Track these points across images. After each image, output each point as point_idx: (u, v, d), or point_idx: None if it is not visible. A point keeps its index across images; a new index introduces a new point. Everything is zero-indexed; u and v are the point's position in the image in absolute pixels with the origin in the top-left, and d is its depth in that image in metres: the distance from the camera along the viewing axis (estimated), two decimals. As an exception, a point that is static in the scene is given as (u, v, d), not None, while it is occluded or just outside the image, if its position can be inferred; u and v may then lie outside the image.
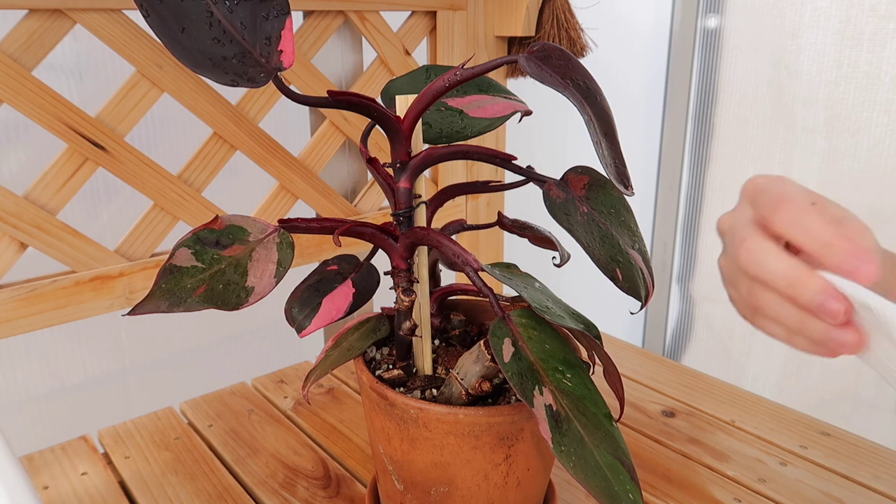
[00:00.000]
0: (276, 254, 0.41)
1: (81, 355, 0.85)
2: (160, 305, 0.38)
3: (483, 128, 0.49)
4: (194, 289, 0.38)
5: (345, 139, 0.81)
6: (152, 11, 0.35)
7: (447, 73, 0.42)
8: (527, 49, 0.39)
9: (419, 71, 0.52)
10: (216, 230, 0.40)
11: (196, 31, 0.36)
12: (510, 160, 0.45)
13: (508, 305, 0.48)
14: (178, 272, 0.38)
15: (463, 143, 0.46)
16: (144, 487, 0.58)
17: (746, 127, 1.39)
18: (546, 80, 0.38)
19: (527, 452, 0.44)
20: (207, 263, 0.39)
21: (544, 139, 1.27)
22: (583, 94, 0.38)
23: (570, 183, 0.43)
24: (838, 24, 1.21)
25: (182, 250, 0.38)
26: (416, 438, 0.42)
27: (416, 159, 0.44)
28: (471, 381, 0.43)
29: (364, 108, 0.41)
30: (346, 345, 0.46)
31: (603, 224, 0.42)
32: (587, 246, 0.40)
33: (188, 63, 0.36)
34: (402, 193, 0.45)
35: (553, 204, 0.42)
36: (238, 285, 0.39)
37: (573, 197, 0.42)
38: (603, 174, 0.41)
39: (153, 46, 0.64)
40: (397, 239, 0.45)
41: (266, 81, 0.38)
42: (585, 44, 0.89)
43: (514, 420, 0.41)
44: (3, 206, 0.59)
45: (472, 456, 0.42)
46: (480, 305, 0.55)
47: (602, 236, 0.41)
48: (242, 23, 0.37)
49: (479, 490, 0.44)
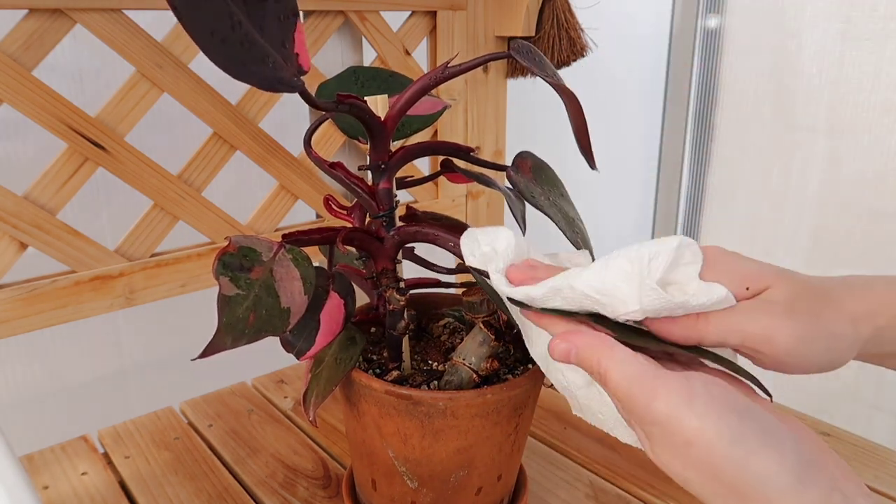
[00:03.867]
0: (295, 270, 0.40)
1: (81, 355, 0.85)
2: (226, 342, 0.36)
3: (421, 125, 0.52)
4: (246, 318, 0.37)
5: (345, 139, 0.81)
6: (185, 13, 0.33)
7: (432, 71, 0.42)
8: (509, 48, 0.41)
9: (347, 72, 0.54)
10: (234, 253, 0.39)
11: (223, 33, 0.34)
12: (470, 151, 0.47)
13: (468, 291, 0.48)
14: (230, 302, 0.37)
15: (432, 140, 0.48)
16: (144, 487, 0.58)
17: (747, 127, 1.39)
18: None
19: (528, 416, 0.47)
20: (245, 289, 0.37)
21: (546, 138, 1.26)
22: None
23: (520, 168, 0.46)
24: (839, 24, 1.21)
25: (222, 279, 0.37)
26: (440, 430, 0.43)
27: (395, 159, 0.44)
28: (479, 363, 0.45)
29: (359, 109, 0.41)
30: (329, 360, 0.45)
31: (556, 200, 0.46)
32: (557, 221, 0.44)
33: (232, 72, 0.34)
34: (384, 194, 0.45)
35: (517, 187, 0.44)
36: (276, 308, 0.38)
37: (527, 179, 0.46)
38: (539, 157, 0.48)
39: (153, 46, 0.64)
40: (384, 241, 0.45)
41: (301, 85, 0.37)
42: (585, 44, 0.89)
43: (525, 389, 0.44)
44: (3, 206, 0.59)
45: (493, 432, 0.44)
46: (426, 297, 0.57)
47: (559, 210, 0.45)
48: (260, 25, 0.36)
49: (493, 463, 0.46)
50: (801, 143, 1.30)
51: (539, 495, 0.58)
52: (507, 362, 0.49)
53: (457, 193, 0.93)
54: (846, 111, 1.23)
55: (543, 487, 0.59)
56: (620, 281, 0.34)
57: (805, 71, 1.27)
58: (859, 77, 1.20)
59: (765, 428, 0.30)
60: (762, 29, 1.32)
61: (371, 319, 0.51)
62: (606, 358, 0.32)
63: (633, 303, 0.34)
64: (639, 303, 0.33)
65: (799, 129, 1.30)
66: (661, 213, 1.57)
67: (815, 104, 1.27)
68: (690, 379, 0.31)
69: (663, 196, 1.56)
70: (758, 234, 1.40)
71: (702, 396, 0.30)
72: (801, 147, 1.31)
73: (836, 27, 1.21)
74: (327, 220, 0.82)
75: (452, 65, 0.42)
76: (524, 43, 0.41)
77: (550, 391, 0.74)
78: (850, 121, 1.22)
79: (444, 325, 0.55)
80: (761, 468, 0.28)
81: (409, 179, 0.50)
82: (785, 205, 1.35)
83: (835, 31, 1.21)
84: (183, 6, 0.32)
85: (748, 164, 1.40)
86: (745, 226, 1.42)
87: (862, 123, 1.21)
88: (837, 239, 1.29)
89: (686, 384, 0.30)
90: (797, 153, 1.31)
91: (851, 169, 1.24)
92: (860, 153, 1.23)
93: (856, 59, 1.20)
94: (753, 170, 1.39)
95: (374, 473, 0.48)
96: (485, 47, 0.90)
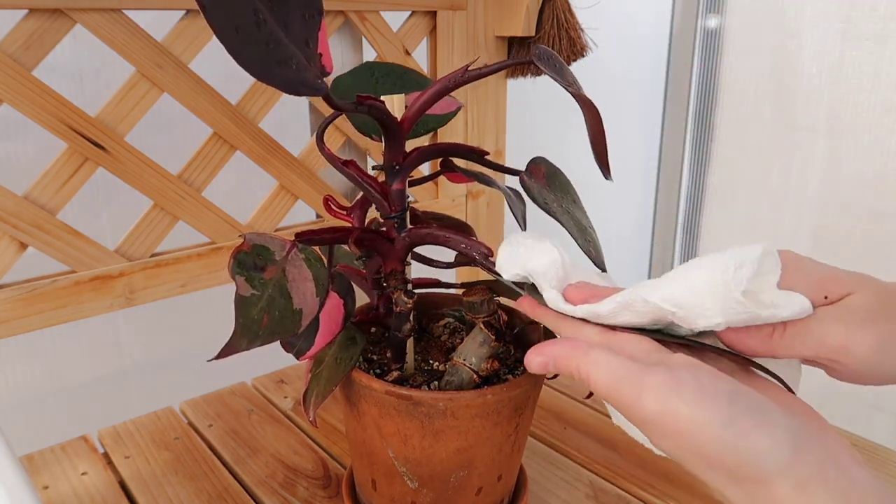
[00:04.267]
0: (308, 271, 0.40)
1: (81, 355, 0.85)
2: (241, 344, 0.36)
3: (436, 124, 0.52)
4: (260, 319, 0.37)
5: (345, 139, 0.81)
6: (210, 10, 0.31)
7: (452, 73, 0.42)
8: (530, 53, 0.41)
9: (362, 68, 0.53)
10: (248, 252, 0.38)
11: (248, 30, 0.33)
12: (484, 154, 0.47)
13: (468, 291, 0.48)
14: (246, 302, 0.36)
15: (444, 143, 0.48)
16: (144, 487, 0.58)
17: (747, 127, 1.39)
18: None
19: (528, 416, 0.47)
20: (259, 289, 0.37)
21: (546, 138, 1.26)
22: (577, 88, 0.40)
23: (533, 173, 0.46)
24: (839, 24, 1.21)
25: (238, 279, 0.37)
26: (440, 431, 0.43)
27: (409, 160, 0.44)
28: (480, 363, 0.45)
29: (378, 111, 0.40)
30: (329, 360, 0.45)
31: (568, 207, 0.46)
32: (569, 229, 0.44)
33: (254, 72, 0.32)
34: (396, 195, 0.45)
35: (531, 193, 0.44)
36: (288, 310, 0.38)
37: (540, 185, 0.45)
38: (552, 163, 0.48)
39: (153, 46, 0.64)
40: (394, 241, 0.45)
41: (325, 89, 0.35)
42: (585, 44, 0.89)
43: (526, 389, 0.44)
44: (3, 206, 0.59)
45: (493, 433, 0.44)
46: (426, 297, 0.56)
47: (572, 217, 0.45)
48: (285, 24, 0.34)
49: (493, 463, 0.46)
50: (801, 143, 1.30)
51: (539, 495, 0.58)
52: (508, 363, 0.49)
53: (457, 193, 0.93)
54: (846, 111, 1.23)
55: (543, 487, 0.59)
56: (705, 293, 0.32)
57: (805, 71, 1.27)
58: (859, 77, 1.20)
59: (755, 408, 0.30)
60: (762, 29, 1.32)
61: (371, 319, 0.51)
62: (585, 364, 0.32)
63: (716, 315, 0.32)
64: (722, 315, 0.32)
65: (799, 129, 1.30)
66: (661, 213, 1.57)
67: (815, 104, 1.27)
68: (676, 370, 0.31)
69: (663, 196, 1.56)
70: (758, 234, 1.40)
71: (689, 384, 0.30)
72: (801, 147, 1.31)
73: (836, 27, 1.21)
74: (327, 220, 0.82)
75: (472, 68, 0.41)
76: (545, 49, 0.40)
77: (551, 391, 0.74)
78: (850, 121, 1.22)
79: (445, 326, 0.55)
80: (754, 448, 0.29)
81: (409, 179, 0.50)
82: (785, 205, 1.35)
83: (835, 31, 1.21)
84: (210, 4, 0.30)
85: (748, 164, 1.40)
86: (745, 226, 1.43)
87: (862, 123, 1.21)
88: (837, 239, 1.29)
89: (672, 375, 0.30)
90: (797, 153, 1.31)
91: (851, 169, 1.24)
92: (860, 153, 1.23)
93: (856, 59, 1.20)
94: (753, 170, 1.39)
95: (374, 473, 0.48)
96: (485, 47, 0.90)
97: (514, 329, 0.52)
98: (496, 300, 0.48)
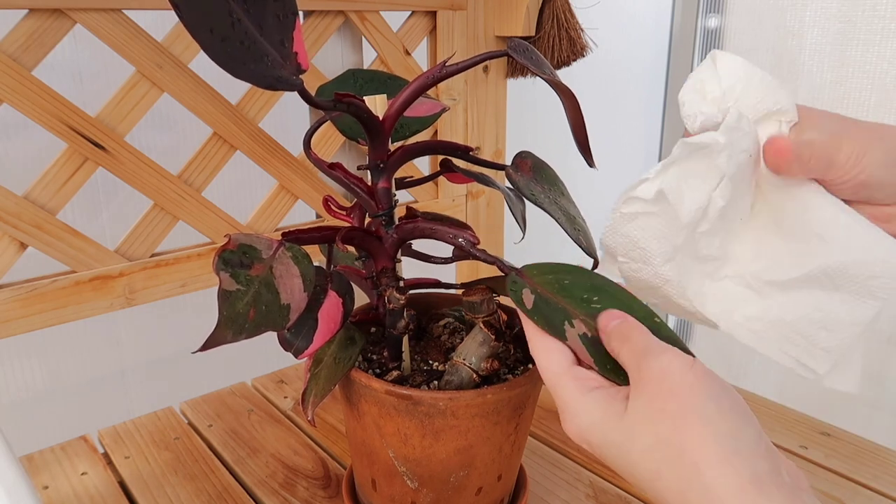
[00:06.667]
0: (295, 268, 0.40)
1: (81, 355, 0.85)
2: (226, 336, 0.37)
3: (420, 126, 0.53)
4: (246, 313, 0.37)
5: (344, 140, 0.81)
6: (185, 11, 0.33)
7: (431, 69, 0.42)
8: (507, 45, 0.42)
9: (345, 75, 0.54)
10: (234, 251, 0.39)
11: (223, 31, 0.34)
12: (468, 150, 0.47)
13: (468, 291, 0.48)
14: (230, 296, 0.37)
15: (430, 140, 0.48)
16: (144, 487, 0.58)
17: (747, 127, 1.39)
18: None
19: (528, 416, 0.47)
20: (245, 285, 0.38)
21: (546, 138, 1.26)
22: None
23: (519, 167, 0.47)
24: (839, 24, 1.21)
25: (223, 275, 0.37)
26: (440, 430, 0.43)
27: (393, 158, 0.45)
28: (479, 363, 0.45)
29: (358, 109, 0.41)
30: (328, 360, 0.45)
31: (556, 198, 0.46)
32: (557, 219, 0.44)
33: (231, 69, 0.34)
34: (383, 193, 0.45)
35: (518, 186, 0.45)
36: (276, 304, 0.39)
37: (527, 178, 0.46)
38: (539, 157, 0.48)
39: (153, 46, 0.64)
40: (383, 239, 0.45)
41: (300, 84, 0.37)
42: (585, 44, 0.89)
43: (525, 389, 0.44)
44: (3, 206, 0.59)
45: (493, 432, 0.44)
46: (426, 297, 0.57)
47: (560, 208, 0.46)
48: (259, 24, 0.35)
49: (493, 463, 0.46)
50: (801, 143, 1.30)
51: (539, 495, 0.58)
52: (508, 362, 0.49)
53: (457, 193, 0.93)
54: (846, 111, 1.23)
55: (543, 487, 0.59)
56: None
57: (805, 71, 1.27)
58: (860, 77, 1.20)
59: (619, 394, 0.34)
60: (762, 29, 1.32)
61: (371, 319, 0.51)
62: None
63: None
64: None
65: (799, 129, 1.30)
66: (662, 213, 1.57)
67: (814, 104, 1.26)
68: (568, 386, 0.35)
69: (663, 196, 1.56)
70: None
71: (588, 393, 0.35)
72: (801, 147, 1.30)
73: (836, 27, 1.21)
74: (327, 220, 0.82)
75: (450, 64, 0.42)
76: (521, 42, 0.41)
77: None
78: (851, 121, 1.22)
79: (444, 325, 0.55)
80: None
81: (408, 180, 0.51)
82: (785, 205, 1.35)
83: (835, 31, 1.21)
84: (184, 4, 0.32)
85: (748, 164, 1.40)
86: (746, 226, 1.42)
87: (862, 123, 1.21)
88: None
89: (576, 385, 0.35)
90: (797, 153, 1.31)
91: (851, 169, 1.24)
92: (860, 153, 1.22)
93: (856, 58, 1.20)
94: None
95: (374, 473, 0.48)
96: (485, 47, 0.90)
97: (514, 329, 0.52)
98: (496, 300, 0.48)
